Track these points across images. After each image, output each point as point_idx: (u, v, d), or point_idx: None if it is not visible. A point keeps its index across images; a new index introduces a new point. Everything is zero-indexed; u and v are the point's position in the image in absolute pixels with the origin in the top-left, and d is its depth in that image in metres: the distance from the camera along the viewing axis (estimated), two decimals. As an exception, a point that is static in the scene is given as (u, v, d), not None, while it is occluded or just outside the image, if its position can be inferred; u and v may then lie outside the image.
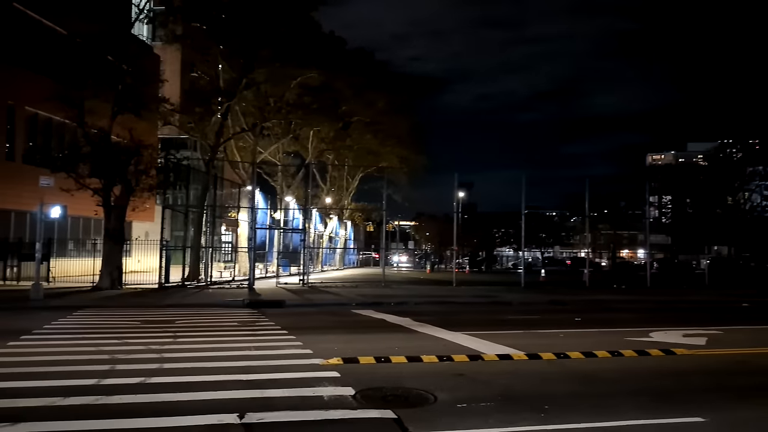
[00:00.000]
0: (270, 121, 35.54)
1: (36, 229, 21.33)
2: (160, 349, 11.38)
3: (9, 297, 20.54)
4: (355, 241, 71.23)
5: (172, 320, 15.70)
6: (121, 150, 25.26)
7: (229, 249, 40.77)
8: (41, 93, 25.86)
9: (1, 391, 8.08)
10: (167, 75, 32.66)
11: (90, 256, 28.12)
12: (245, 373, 9.43)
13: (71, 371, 9.29)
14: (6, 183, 28.99)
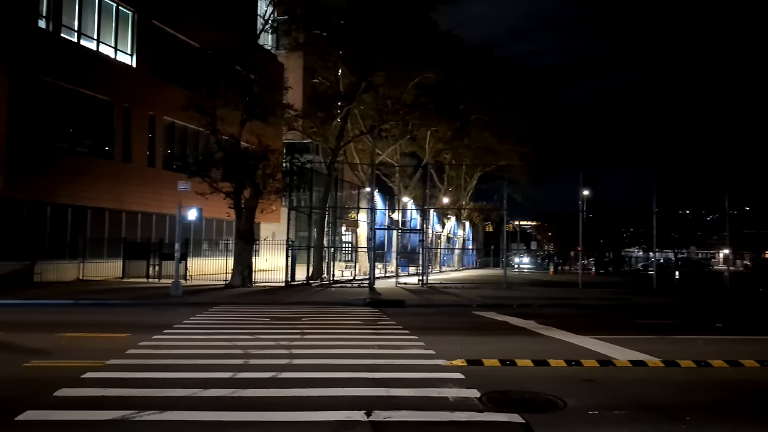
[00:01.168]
0: (388, 122, 36.01)
1: (175, 231, 22.92)
2: (289, 345, 11.79)
3: (152, 294, 22.17)
4: (474, 241, 70.46)
5: (299, 317, 16.25)
6: (250, 155, 26.57)
7: (349, 249, 41.72)
8: (178, 103, 27.76)
9: (149, 381, 8.70)
10: (290, 82, 33.95)
11: (222, 255, 29.83)
12: (370, 371, 9.54)
13: (209, 364, 9.83)
14: (148, 188, 31.39)
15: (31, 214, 25.85)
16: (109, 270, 28.56)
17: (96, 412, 7.08)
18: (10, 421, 6.73)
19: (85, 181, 28.01)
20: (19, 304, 18.83)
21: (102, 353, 10.50)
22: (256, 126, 27.48)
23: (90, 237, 28.54)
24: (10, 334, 12.47)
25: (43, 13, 26.45)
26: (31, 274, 25.39)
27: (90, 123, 29.21)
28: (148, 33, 32.23)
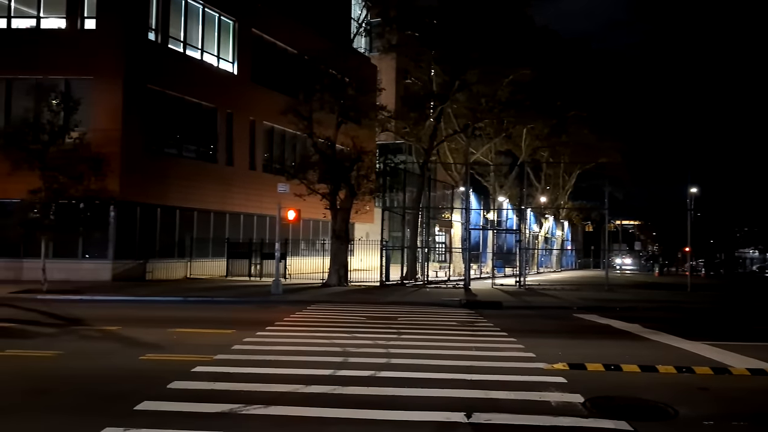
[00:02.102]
0: (482, 121, 35.59)
1: (275, 231, 23.68)
2: (386, 344, 11.88)
3: (254, 291, 23.01)
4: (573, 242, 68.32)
5: (395, 317, 16.35)
6: (345, 157, 27.05)
7: (443, 249, 41.57)
8: (276, 108, 28.65)
9: (254, 376, 9.02)
10: (384, 83, 34.25)
11: (319, 254, 30.52)
12: (469, 372, 9.45)
13: (310, 361, 10.07)
14: (249, 190, 32.62)
15: (144, 216, 27.48)
16: (214, 268, 29.91)
17: (206, 405, 7.41)
18: (130, 410, 7.17)
19: (192, 185, 29.46)
20: (134, 300, 20.07)
21: (210, 348, 10.99)
22: (351, 128, 27.93)
23: (196, 237, 30.00)
24: (128, 329, 13.30)
25: (152, 26, 28.05)
26: (144, 272, 27.00)
27: (195, 129, 30.71)
28: (248, 41, 33.49)
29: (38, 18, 26.83)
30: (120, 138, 25.70)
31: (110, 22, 26.18)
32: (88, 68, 25.83)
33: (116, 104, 25.85)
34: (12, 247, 25.10)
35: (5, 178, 21.82)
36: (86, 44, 26.11)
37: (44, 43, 26.28)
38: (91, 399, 7.75)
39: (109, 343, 11.80)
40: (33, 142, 21.09)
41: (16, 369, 9.39)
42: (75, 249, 25.56)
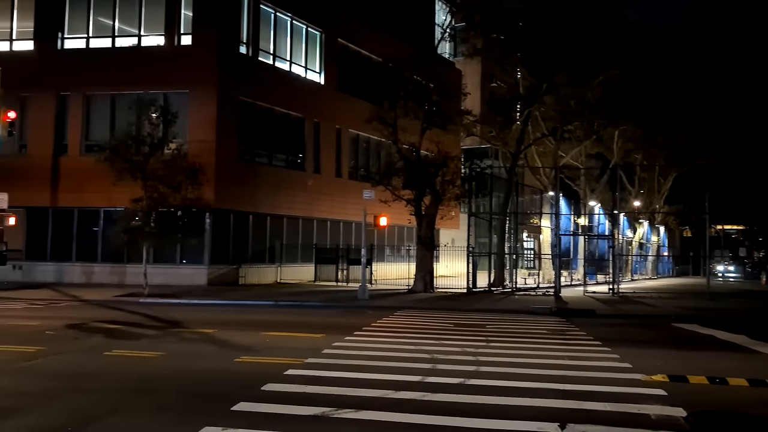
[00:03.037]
0: (571, 124, 34.62)
1: (361, 237, 23.97)
2: (474, 352, 11.73)
3: (341, 297, 23.34)
4: (670, 248, 65.10)
5: (483, 324, 16.13)
6: (430, 163, 27.02)
7: (531, 256, 40.70)
8: (361, 116, 29.06)
9: (344, 380, 9.12)
10: (468, 88, 34.02)
11: (404, 261, 30.59)
12: (561, 382, 9.17)
13: (398, 367, 10.08)
14: (335, 197, 33.20)
15: (236, 223, 28.51)
16: (302, 273, 30.61)
17: (299, 407, 7.56)
18: (227, 410, 7.42)
19: (282, 192, 30.30)
20: (228, 304, 20.82)
21: (301, 352, 11.22)
22: (436, 134, 27.88)
23: (286, 243, 30.81)
24: (223, 332, 13.80)
25: (243, 39, 29.13)
26: (237, 276, 27.98)
27: (284, 138, 31.60)
28: (334, 51, 34.17)
29: (139, 36, 28.44)
30: (215, 148, 26.79)
31: (205, 37, 27.39)
32: (184, 82, 27.12)
33: (211, 116, 26.98)
34: (116, 252, 26.67)
35: (110, 188, 23.20)
36: (183, 59, 27.44)
37: (144, 59, 27.85)
38: (191, 398, 8.08)
39: (206, 345, 12.28)
40: (135, 154, 22.32)
41: (124, 368, 9.93)
42: (173, 255, 26.82)
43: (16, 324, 14.72)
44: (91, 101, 28.61)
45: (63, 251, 28.07)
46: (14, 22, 29.47)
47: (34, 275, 27.54)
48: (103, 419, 7.11)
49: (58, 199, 27.98)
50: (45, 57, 28.61)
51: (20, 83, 26.60)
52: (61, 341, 12.36)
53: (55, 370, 9.73)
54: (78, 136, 28.39)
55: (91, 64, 28.22)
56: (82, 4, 28.79)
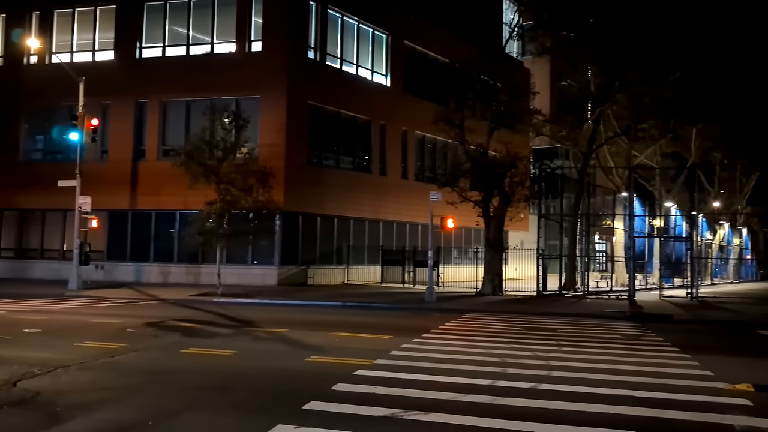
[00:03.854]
0: (645, 122, 33.44)
1: (427, 239, 23.91)
2: (546, 356, 11.49)
3: (408, 299, 23.35)
4: (753, 251, 61.78)
5: (554, 329, 15.78)
6: (498, 163, 26.67)
7: (604, 258, 39.56)
8: (427, 117, 29.01)
9: (413, 382, 9.10)
10: (537, 87, 33.39)
11: (472, 263, 30.31)
12: (637, 389, 8.85)
13: (467, 370, 9.98)
14: (401, 199, 33.25)
15: (305, 225, 28.98)
16: (369, 275, 30.79)
17: (369, 408, 7.59)
18: (299, 409, 7.53)
19: (348, 194, 30.60)
20: (297, 304, 21.18)
21: (369, 353, 11.28)
22: (503, 134, 27.51)
23: (353, 245, 31.09)
24: (294, 332, 14.05)
25: (311, 44, 29.61)
26: (306, 277, 28.44)
27: (351, 141, 31.93)
28: (400, 53, 34.27)
29: (212, 44, 29.36)
30: (284, 152, 27.34)
31: (275, 43, 28.00)
32: (255, 88, 27.81)
33: (280, 120, 27.55)
34: (191, 253, 27.59)
35: (185, 191, 24.04)
36: (253, 66, 28.14)
37: (217, 66, 28.71)
38: (264, 397, 8.25)
39: (278, 344, 12.53)
40: (209, 158, 23.04)
41: (200, 366, 10.24)
42: (245, 255, 27.52)
43: (100, 322, 15.44)
44: (167, 108, 29.73)
45: (141, 252, 29.27)
46: (96, 34, 30.96)
47: (115, 275, 28.84)
48: (180, 415, 7.36)
49: (137, 202, 29.20)
50: (124, 66, 29.93)
51: (102, 92, 27.97)
52: (141, 338, 12.88)
53: (135, 366, 10.13)
54: (155, 141, 29.55)
55: (167, 72, 29.32)
56: (159, 14, 29.97)
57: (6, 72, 31.80)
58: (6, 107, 31.06)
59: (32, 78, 31.04)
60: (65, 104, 28.61)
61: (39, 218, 31.05)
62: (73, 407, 7.46)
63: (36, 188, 29.54)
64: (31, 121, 32.10)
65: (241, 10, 28.52)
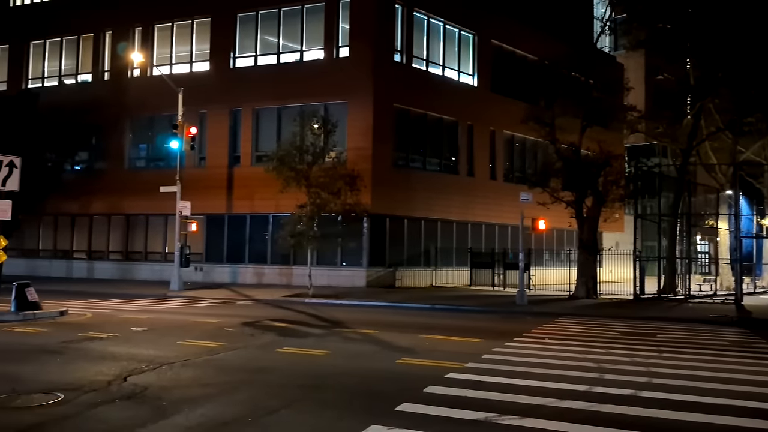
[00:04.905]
0: (752, 115, 31.35)
1: (517, 240, 23.46)
2: (645, 362, 11.00)
3: (498, 302, 22.99)
4: None
5: (653, 333, 15.09)
6: (590, 162, 25.81)
7: (706, 260, 37.49)
8: (516, 117, 28.49)
9: (506, 386, 8.94)
10: (632, 82, 31.99)
11: (564, 265, 29.46)
12: (746, 399, 8.31)
13: (562, 375, 9.70)
14: (490, 200, 32.81)
15: (392, 227, 29.15)
16: (457, 277, 30.56)
17: (462, 411, 7.51)
18: (392, 410, 7.55)
19: (436, 196, 30.52)
20: (386, 306, 21.32)
21: (460, 356, 11.19)
22: (596, 132, 26.61)
23: (440, 247, 30.97)
24: (383, 333, 14.14)
25: (397, 47, 29.77)
26: (394, 279, 28.60)
27: (438, 142, 31.84)
28: (487, 52, 33.88)
29: (301, 52, 30.10)
30: (371, 155, 27.63)
31: (361, 48, 28.37)
32: (343, 93, 28.27)
33: (367, 124, 27.87)
34: (284, 255, 28.39)
35: (278, 195, 24.79)
36: (341, 71, 28.62)
37: (306, 73, 29.42)
38: (356, 397, 8.34)
39: (368, 345, 12.65)
40: (299, 163, 23.66)
41: (294, 365, 10.49)
42: (334, 257, 28.01)
43: (200, 321, 16.14)
44: (260, 115, 30.74)
45: (237, 254, 30.39)
46: (193, 45, 32.47)
47: (213, 276, 30.11)
48: (277, 412, 7.55)
49: (233, 206, 30.34)
50: (219, 76, 31.20)
51: (198, 101, 29.32)
52: (238, 337, 13.35)
53: (233, 364, 10.51)
54: (249, 147, 30.61)
55: (259, 80, 30.32)
56: (251, 25, 31.06)
57: (112, 85, 33.90)
58: (113, 119, 33.12)
59: (135, 90, 32.94)
60: (165, 114, 30.21)
61: (143, 222, 32.88)
62: (177, 402, 7.83)
63: (140, 194, 31.31)
64: (135, 130, 34.07)
65: (329, 17, 29.09)
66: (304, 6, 29.68)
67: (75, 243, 34.63)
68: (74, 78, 35.50)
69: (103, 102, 32.73)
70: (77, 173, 35.16)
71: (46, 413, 7.27)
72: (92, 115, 32.81)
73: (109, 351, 11.31)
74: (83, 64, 35.22)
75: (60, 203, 33.57)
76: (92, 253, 34.08)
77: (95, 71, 34.72)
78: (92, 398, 7.92)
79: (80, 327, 14.42)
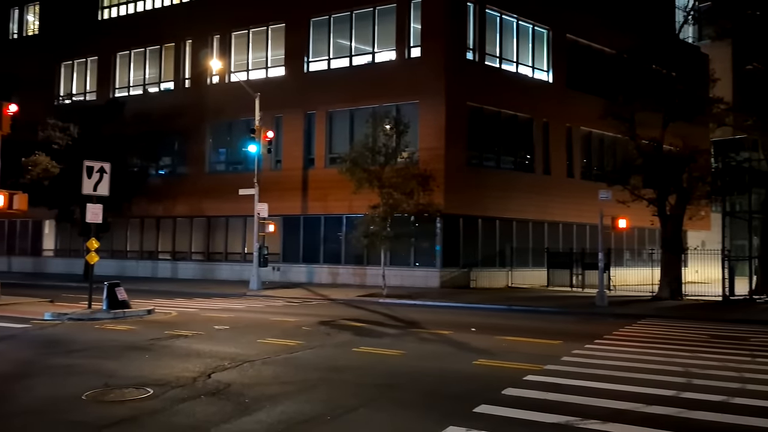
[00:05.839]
0: None
1: (596, 240, 22.76)
2: (737, 367, 10.44)
3: (576, 303, 22.39)
4: None
5: (746, 337, 14.31)
6: (674, 158, 24.78)
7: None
8: (593, 113, 27.65)
9: (587, 389, 8.68)
10: (717, 73, 30.40)
11: (646, 265, 28.43)
12: None
13: (646, 379, 9.34)
14: (567, 198, 31.99)
15: (466, 227, 28.89)
16: (534, 278, 29.98)
17: (541, 414, 7.35)
18: (469, 412, 7.48)
19: (510, 195, 30.04)
20: (461, 307, 21.15)
21: (538, 358, 10.96)
22: (679, 126, 25.48)
23: (516, 247, 30.46)
24: (459, 334, 14.03)
25: (469, 45, 29.51)
26: (468, 280, 28.34)
27: (512, 140, 31.34)
28: (562, 47, 33.09)
29: (372, 53, 30.32)
30: (443, 155, 27.50)
31: (433, 48, 28.30)
32: (414, 93, 28.28)
33: (440, 124, 27.76)
34: (357, 255, 28.68)
35: (351, 196, 25.09)
36: (412, 71, 28.65)
37: (377, 75, 29.62)
38: (434, 397, 8.31)
39: (444, 346, 12.58)
40: (372, 164, 23.82)
41: (370, 364, 10.56)
42: (407, 257, 28.04)
43: (278, 320, 16.50)
44: (333, 117, 31.16)
45: (312, 254, 30.93)
46: (268, 51, 33.29)
47: (290, 276, 30.77)
48: (355, 411, 7.62)
49: (308, 207, 30.90)
50: (294, 80, 31.85)
51: (274, 105, 30.06)
52: (315, 336, 13.57)
53: (311, 362, 10.68)
54: (323, 149, 31.09)
55: (332, 83, 30.74)
56: (324, 29, 31.55)
57: (193, 92, 35.21)
58: (194, 125, 34.41)
59: (214, 96, 34.10)
60: (243, 118, 31.16)
61: (223, 224, 33.99)
62: (259, 399, 8.03)
63: (220, 197, 32.38)
64: (214, 135, 35.25)
65: (400, 17, 29.17)
66: (375, 8, 29.90)
67: (160, 244, 36.19)
68: (157, 86, 37.10)
69: (184, 108, 34.09)
70: (161, 177, 36.71)
71: (137, 407, 7.61)
72: (174, 121, 34.23)
73: (194, 348, 11.74)
74: (165, 72, 36.78)
75: (146, 206, 35.17)
76: (176, 253, 35.52)
77: (177, 79, 36.18)
78: (179, 393, 8.24)
79: (166, 325, 15.04)
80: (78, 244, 35.19)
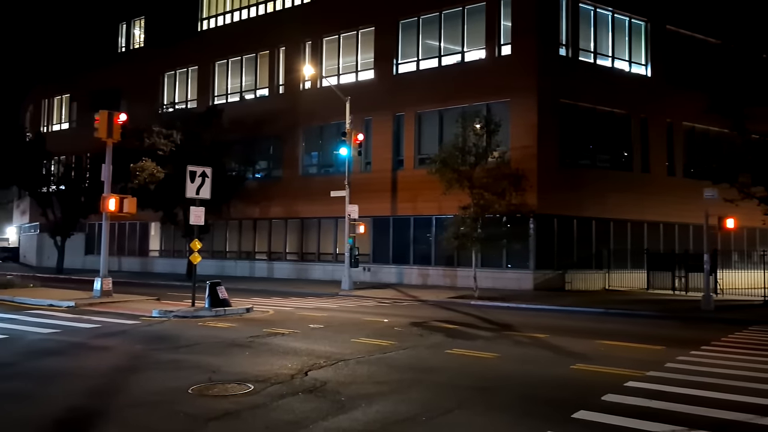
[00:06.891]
0: None
1: (700, 241, 21.56)
2: None
3: (679, 307, 21.32)
4: None
5: None
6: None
7: None
8: (696, 107, 26.28)
9: (692, 398, 8.27)
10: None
11: (757, 268, 26.61)
12: None
13: (759, 389, 8.80)
14: (667, 197, 30.50)
15: (560, 228, 28.14)
16: (632, 280, 28.80)
17: (644, 422, 7.07)
18: (567, 417, 7.30)
19: (607, 195, 28.99)
20: (556, 310, 20.63)
21: (639, 363, 10.53)
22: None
23: (613, 248, 29.37)
24: (555, 338, 13.70)
25: (562, 41, 28.74)
26: (563, 282, 27.58)
27: (608, 138, 30.23)
28: (661, 40, 31.63)
29: (462, 53, 30.12)
30: (536, 154, 26.92)
31: (524, 45, 27.77)
32: (505, 92, 27.86)
33: (531, 122, 27.21)
34: (448, 257, 28.58)
35: (440, 197, 25.03)
36: (503, 70, 28.24)
37: (467, 74, 29.38)
38: (528, 402, 8.16)
39: (539, 350, 12.32)
40: (462, 164, 23.66)
41: (463, 366, 10.50)
42: (499, 259, 27.63)
43: (371, 320, 16.72)
44: (422, 118, 31.21)
45: (402, 255, 31.10)
46: (358, 55, 33.80)
47: (380, 276, 31.08)
48: (450, 412, 7.61)
49: (397, 208, 31.10)
50: (383, 83, 32.16)
51: (364, 108, 30.51)
52: (407, 337, 13.64)
53: (404, 362, 10.75)
54: (411, 151, 31.20)
55: (421, 84, 30.80)
56: (412, 30, 31.68)
57: (286, 98, 36.27)
58: (288, 129, 35.46)
59: (307, 101, 34.99)
60: (334, 122, 31.83)
61: (315, 225, 34.80)
62: (354, 397, 8.17)
63: (312, 199, 33.19)
64: (307, 139, 36.17)
65: (490, 16, 28.84)
66: (464, 7, 29.71)
67: (256, 245, 37.52)
68: (253, 93, 38.50)
69: (278, 114, 35.20)
70: (257, 180, 38.05)
71: (239, 402, 7.94)
72: (269, 126, 35.43)
73: (291, 346, 12.09)
74: (260, 79, 38.10)
75: (243, 208, 36.58)
76: (271, 254, 36.71)
77: (271, 86, 37.39)
78: (278, 390, 8.52)
79: (264, 323, 15.57)
80: (181, 245, 37.11)
